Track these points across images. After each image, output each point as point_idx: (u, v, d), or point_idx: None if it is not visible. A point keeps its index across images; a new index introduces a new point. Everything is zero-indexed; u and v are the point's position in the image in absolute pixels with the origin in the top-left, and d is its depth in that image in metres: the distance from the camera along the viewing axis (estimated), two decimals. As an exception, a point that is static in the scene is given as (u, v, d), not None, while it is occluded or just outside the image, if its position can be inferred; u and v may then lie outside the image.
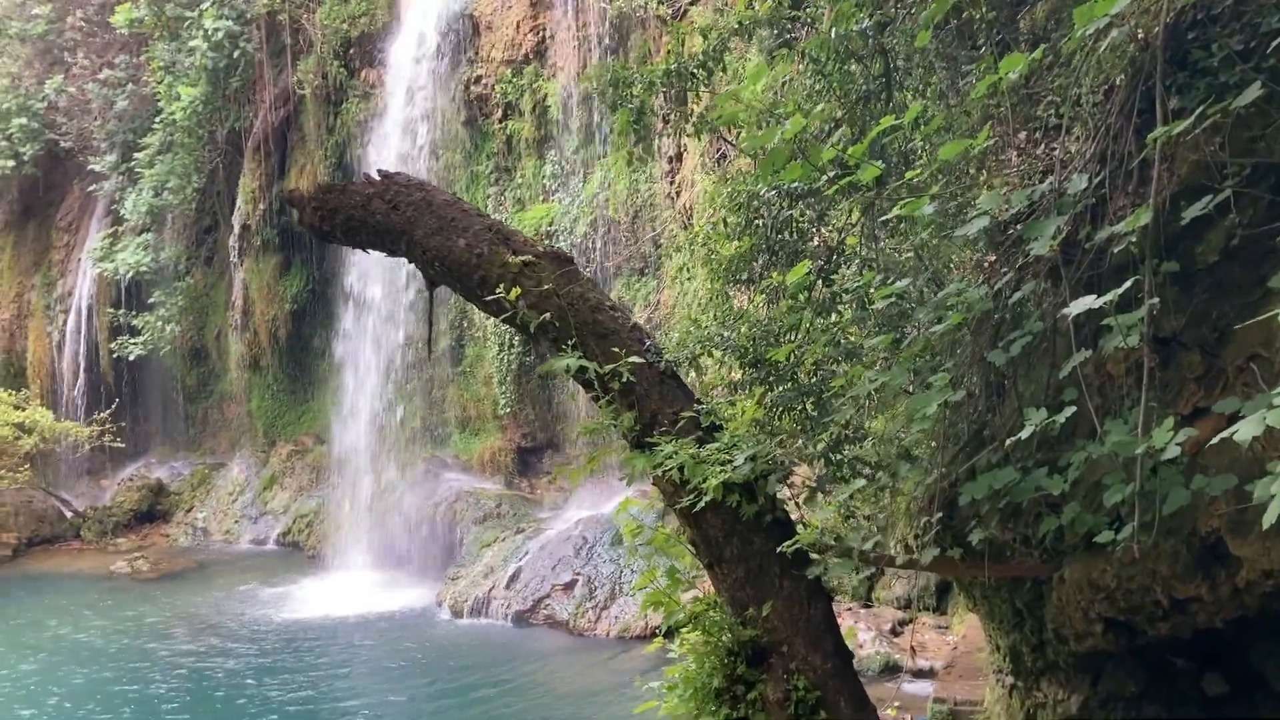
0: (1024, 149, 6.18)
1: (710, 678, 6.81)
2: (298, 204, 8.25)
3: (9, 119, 31.75)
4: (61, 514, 30.36)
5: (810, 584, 6.57)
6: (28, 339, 34.82)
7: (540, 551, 19.82)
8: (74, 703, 16.30)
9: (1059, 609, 6.05)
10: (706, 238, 7.58)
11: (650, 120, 8.12)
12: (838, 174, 6.31)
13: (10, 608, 22.60)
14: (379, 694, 16.30)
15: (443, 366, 25.97)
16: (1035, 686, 7.37)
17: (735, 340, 7.05)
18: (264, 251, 29.83)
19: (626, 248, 21.71)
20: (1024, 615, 7.23)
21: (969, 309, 5.45)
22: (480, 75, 24.65)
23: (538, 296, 7.08)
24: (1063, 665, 6.71)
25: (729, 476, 6.31)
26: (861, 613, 14.82)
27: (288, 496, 29.02)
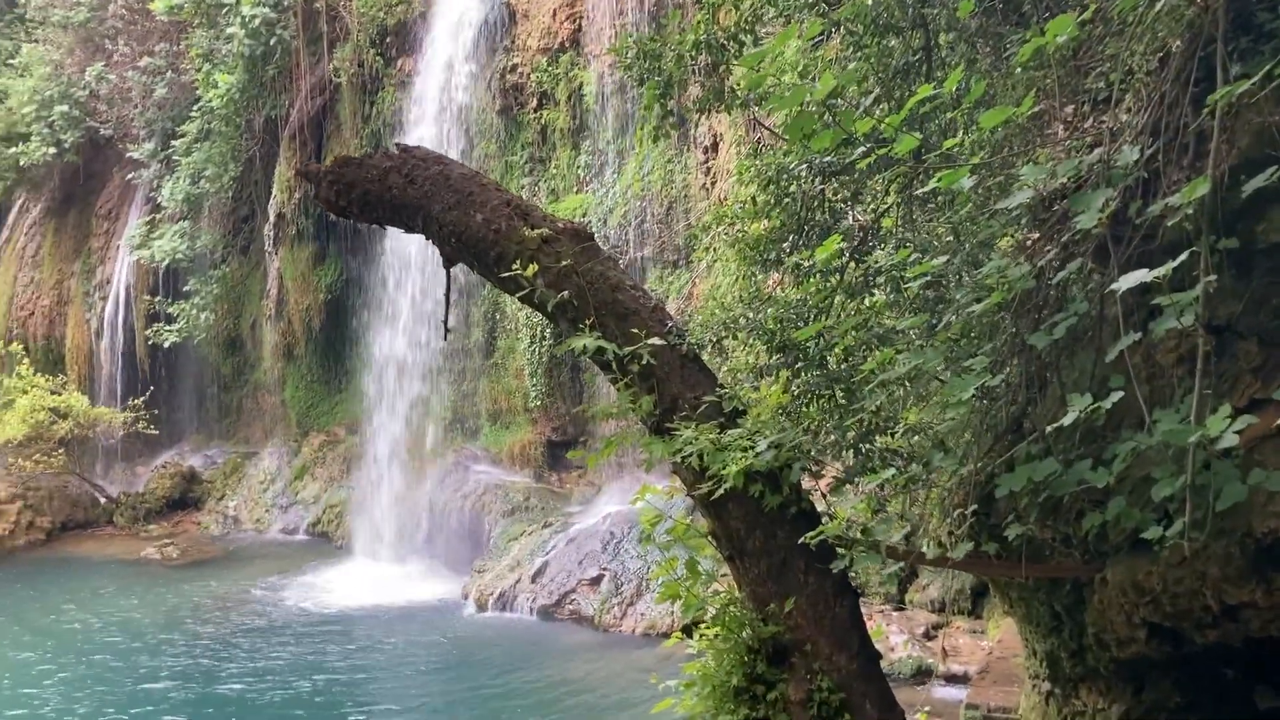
0: (1071, 122, 5.82)
1: (729, 676, 6.52)
2: (313, 179, 8.01)
3: (51, 107, 31.95)
4: (95, 499, 30.53)
5: (836, 580, 6.25)
6: (67, 325, 35.07)
7: (567, 546, 19.57)
8: (96, 686, 16.26)
9: (1100, 613, 5.71)
10: (734, 216, 7.25)
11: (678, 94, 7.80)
12: (872, 147, 5.96)
13: (41, 590, 22.69)
14: (400, 686, 16.12)
15: (474, 359, 25.82)
16: (1074, 694, 7.02)
17: (761, 323, 6.72)
18: (299, 240, 29.81)
19: (660, 239, 21.42)
20: (1062, 619, 6.89)
21: (1009, 288, 5.12)
22: (516, 64, 24.45)
23: (556, 274, 6.80)
24: (1103, 673, 6.34)
25: (750, 464, 6.00)
26: (893, 615, 14.44)
27: (318, 486, 28.98)
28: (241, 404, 33.89)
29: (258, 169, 30.21)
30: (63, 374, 32.92)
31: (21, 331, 35.14)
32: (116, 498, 30.82)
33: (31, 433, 29.15)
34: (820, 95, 4.84)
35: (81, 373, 34.17)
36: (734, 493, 6.15)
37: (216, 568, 24.46)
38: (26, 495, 28.24)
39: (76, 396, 30.82)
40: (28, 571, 24.59)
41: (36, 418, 29.21)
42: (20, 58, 33.35)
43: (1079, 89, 5.86)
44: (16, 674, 16.95)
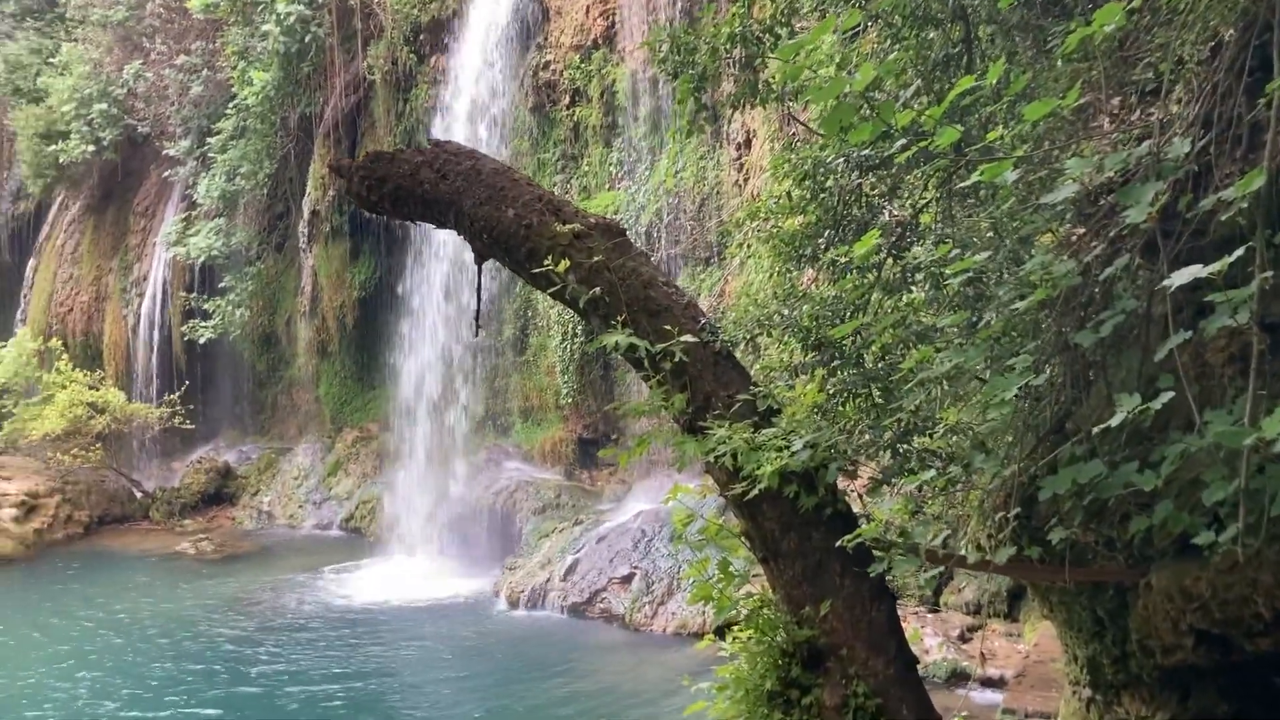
0: (1118, 114, 5.67)
1: (763, 680, 6.41)
2: (344, 174, 7.96)
3: (90, 105, 32.25)
4: (132, 494, 30.80)
5: (873, 583, 6.12)
6: (105, 321, 35.42)
7: (598, 544, 19.49)
8: (126, 679, 16.36)
9: (1145, 619, 5.56)
10: (768, 212, 7.12)
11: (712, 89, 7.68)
12: (912, 140, 5.82)
13: (77, 584, 22.90)
14: (431, 683, 16.11)
15: (506, 356, 25.82)
16: (1116, 701, 6.85)
17: (797, 320, 6.59)
18: (333, 238, 29.91)
19: (692, 236, 21.28)
20: (1105, 624, 6.73)
21: (1054, 285, 4.98)
22: (549, 61, 24.39)
23: (588, 270, 6.70)
24: (1147, 680, 6.18)
25: (785, 464, 5.88)
26: (928, 617, 14.24)
27: (351, 482, 29.08)
28: (276, 400, 34.08)
29: (292, 166, 30.34)
30: (100, 370, 33.25)
31: (61, 327, 35.52)
32: (153, 492, 31.08)
33: (69, 427, 29.45)
34: (859, 86, 4.71)
35: (119, 368, 34.48)
36: (768, 493, 6.04)
37: (250, 563, 24.58)
38: (65, 489, 28.51)
39: (113, 392, 31.11)
40: (65, 565, 24.81)
41: (74, 413, 29.51)
42: (60, 56, 33.69)
43: (1126, 81, 5.70)
44: (50, 666, 17.09)
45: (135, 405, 31.57)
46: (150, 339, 34.08)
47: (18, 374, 30.84)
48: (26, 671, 16.84)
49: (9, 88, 35.22)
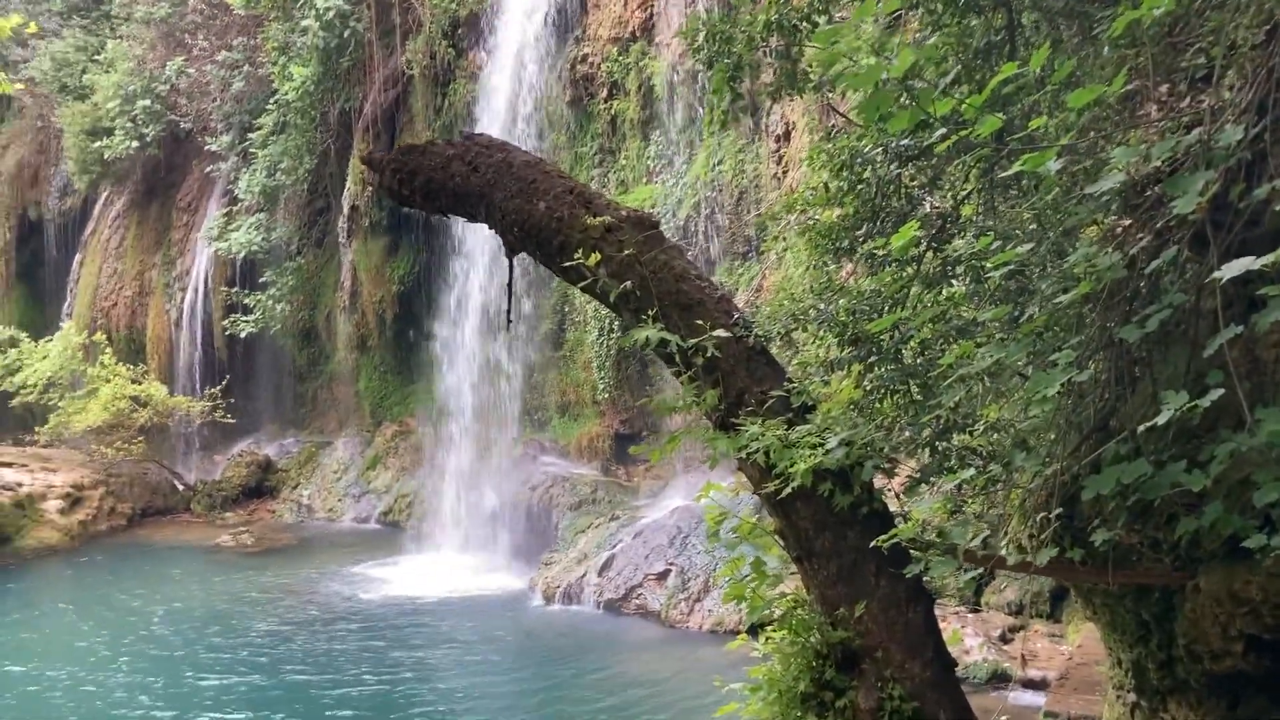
0: (1167, 101, 5.47)
1: (796, 681, 6.29)
2: (377, 167, 7.91)
3: (134, 101, 32.58)
4: (174, 487, 31.13)
5: (910, 584, 5.98)
6: (148, 315, 35.81)
7: (634, 540, 19.40)
8: (161, 668, 16.52)
9: (1192, 623, 5.39)
10: (805, 203, 6.98)
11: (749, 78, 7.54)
12: (952, 129, 5.66)
13: (118, 575, 23.15)
14: (465, 677, 16.11)
15: (543, 351, 25.79)
16: (1162, 707, 6.66)
17: (833, 314, 6.44)
18: (372, 233, 30.03)
19: (730, 230, 21.12)
20: (1150, 628, 6.55)
21: (1098, 278, 4.82)
22: (586, 54, 24.29)
23: (619, 263, 6.60)
24: (1195, 686, 6.00)
25: (819, 462, 5.75)
26: (969, 617, 14.01)
27: (390, 476, 29.21)
28: (316, 394, 34.30)
29: (332, 162, 30.48)
30: (144, 364, 33.61)
31: (105, 322, 35.95)
32: (194, 485, 31.39)
33: (113, 420, 29.81)
34: (897, 72, 4.57)
35: (162, 362, 34.86)
36: (802, 491, 5.91)
37: (288, 556, 24.74)
38: (109, 482, 28.86)
39: (156, 385, 31.44)
40: (107, 556, 25.11)
41: (118, 406, 29.86)
42: (105, 53, 34.07)
43: (1175, 67, 5.50)
44: (88, 655, 17.28)
45: (177, 399, 31.90)
46: (192, 333, 34.41)
47: (63, 368, 31.24)
48: (65, 660, 17.04)
49: (56, 85, 35.68)
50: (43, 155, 39.06)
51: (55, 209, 39.24)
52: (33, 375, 30.98)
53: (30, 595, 21.68)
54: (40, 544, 24.95)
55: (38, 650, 17.66)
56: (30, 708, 14.79)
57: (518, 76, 25.11)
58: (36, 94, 37.13)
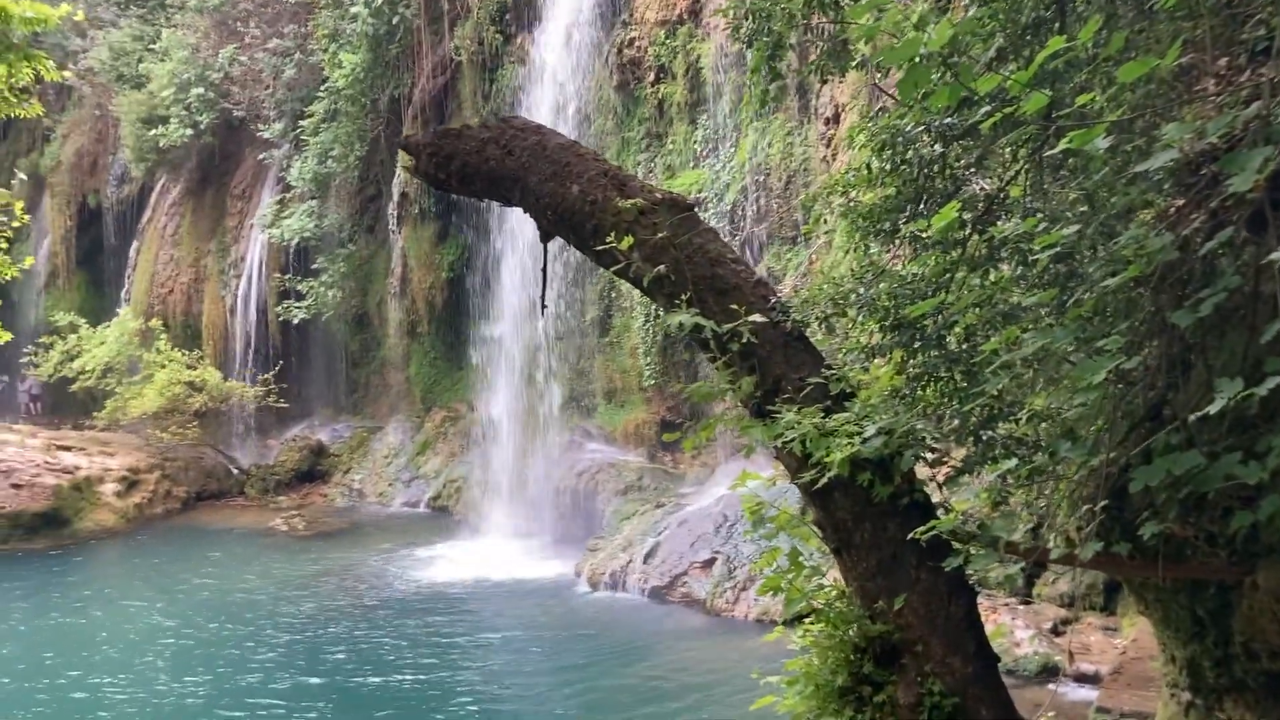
0: (1224, 75, 5.23)
1: (834, 675, 6.14)
2: (413, 150, 7.83)
3: (188, 89, 32.94)
4: (229, 471, 31.52)
5: (952, 577, 5.79)
6: (203, 302, 36.27)
7: (680, 527, 19.27)
8: (209, 649, 16.73)
9: (1249, 620, 5.19)
10: (846, 185, 6.79)
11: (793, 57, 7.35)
12: (997, 107, 5.44)
13: (172, 557, 23.51)
14: (509, 663, 16.12)
15: (590, 337, 25.73)
16: (1218, 706, 6.43)
17: (874, 299, 6.25)
18: (422, 219, 30.14)
19: (778, 215, 20.86)
20: (1206, 624, 6.31)
21: (1149, 260, 4.60)
22: (633, 38, 24.10)
23: (653, 247, 6.46)
24: (1252, 685, 5.77)
25: (858, 451, 5.57)
26: (1019, 609, 13.72)
27: (439, 461, 29.35)
28: (369, 380, 34.55)
29: (383, 149, 30.60)
30: (199, 349, 34.06)
31: (162, 308, 36.47)
32: (248, 469, 31.77)
33: (168, 405, 30.26)
34: (936, 45, 4.37)
35: (217, 348, 35.29)
36: (840, 481, 5.75)
37: (339, 540, 24.95)
38: (164, 465, 29.29)
39: (210, 371, 31.85)
40: (161, 539, 25.50)
41: (173, 391, 30.31)
42: (160, 42, 34.46)
43: (1234, 39, 5.26)
44: (137, 638, 17.54)
45: (231, 384, 32.30)
46: (247, 319, 34.79)
47: (120, 353, 31.75)
48: (115, 641, 17.32)
49: (113, 74, 36.18)
50: (101, 144, 39.69)
51: (113, 197, 39.86)
52: (90, 361, 31.52)
53: (86, 577, 22.08)
54: (97, 526, 25.40)
55: (88, 631, 17.97)
56: (78, 689, 15.02)
57: (565, 61, 25.00)
58: (95, 83, 37.70)
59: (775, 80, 7.25)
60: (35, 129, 42.02)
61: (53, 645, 17.10)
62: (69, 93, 40.28)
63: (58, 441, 28.13)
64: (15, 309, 41.19)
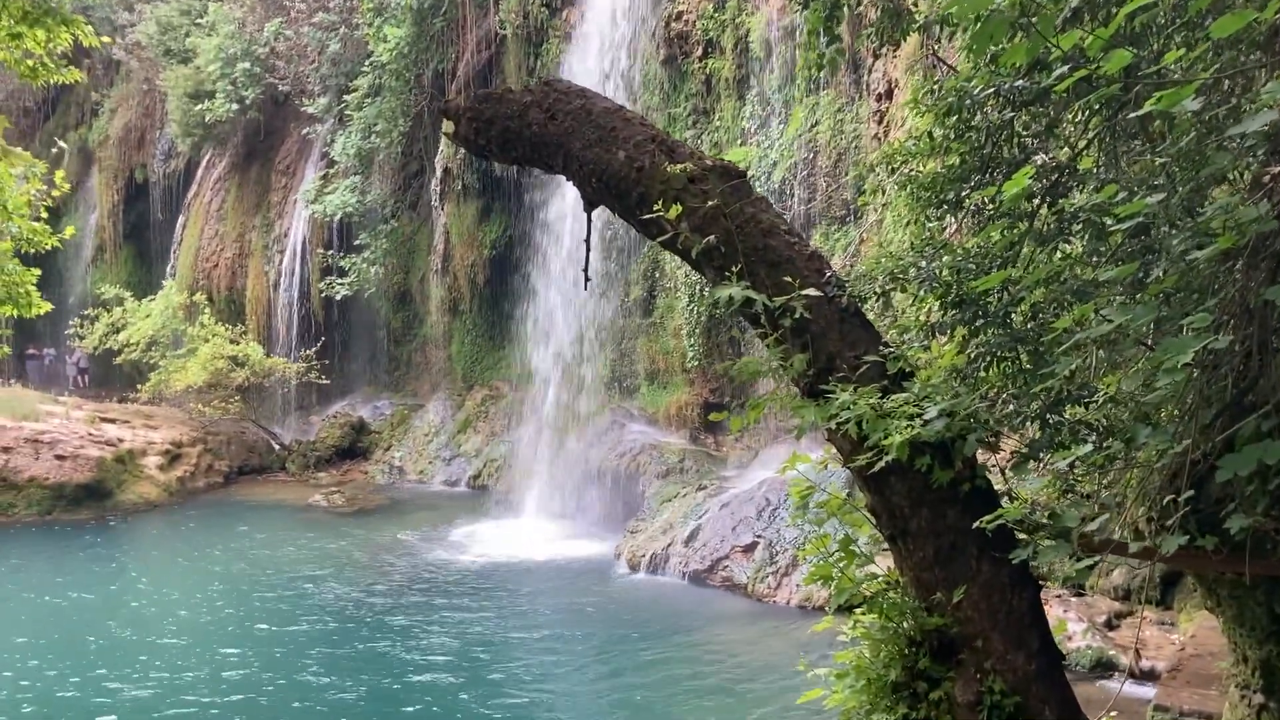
0: (1327, 32, 4.82)
1: (887, 669, 5.83)
2: (453, 115, 7.54)
3: (234, 64, 32.93)
4: (270, 446, 31.61)
5: (1015, 569, 5.46)
6: (247, 277, 36.37)
7: (721, 511, 18.96)
8: (243, 625, 16.67)
9: (1338, 622, 4.78)
10: (906, 153, 6.42)
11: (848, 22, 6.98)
12: (1073, 68, 5.06)
13: (212, 530, 23.57)
14: (546, 644, 15.92)
15: (633, 317, 25.42)
16: (1294, 712, 6.06)
17: (935, 273, 5.90)
18: (465, 197, 29.95)
19: (828, 193, 20.40)
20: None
21: (1240, 232, 4.24)
22: (681, 11, 23.65)
23: (702, 216, 6.15)
24: (1336, 692, 5.39)
25: (917, 434, 5.24)
26: (1072, 601, 13.29)
27: (480, 440, 29.22)
28: (411, 357, 34.49)
29: (426, 124, 30.42)
30: (242, 324, 34.16)
31: (206, 283, 36.65)
32: (289, 445, 31.85)
33: (211, 379, 30.37)
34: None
35: (260, 323, 35.40)
36: (897, 465, 5.42)
37: (378, 517, 24.90)
38: (206, 440, 29.41)
39: (253, 346, 31.93)
40: (202, 512, 25.59)
41: (216, 365, 30.40)
42: (207, 17, 34.47)
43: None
44: (175, 610, 17.53)
45: (274, 359, 32.35)
46: (290, 295, 34.84)
47: (164, 326, 31.91)
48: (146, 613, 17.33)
49: (161, 49, 36.29)
50: (149, 119, 39.88)
51: (160, 171, 40.07)
52: (135, 334, 31.70)
53: (125, 548, 22.18)
54: (140, 499, 25.53)
55: (121, 603, 18.00)
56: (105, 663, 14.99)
57: (611, 35, 24.62)
58: (142, 58, 37.83)
59: (832, 44, 6.88)
60: (84, 103, 42.33)
61: (88, 616, 17.14)
62: (117, 67, 40.49)
63: (102, 414, 28.32)
64: (63, 282, 41.66)
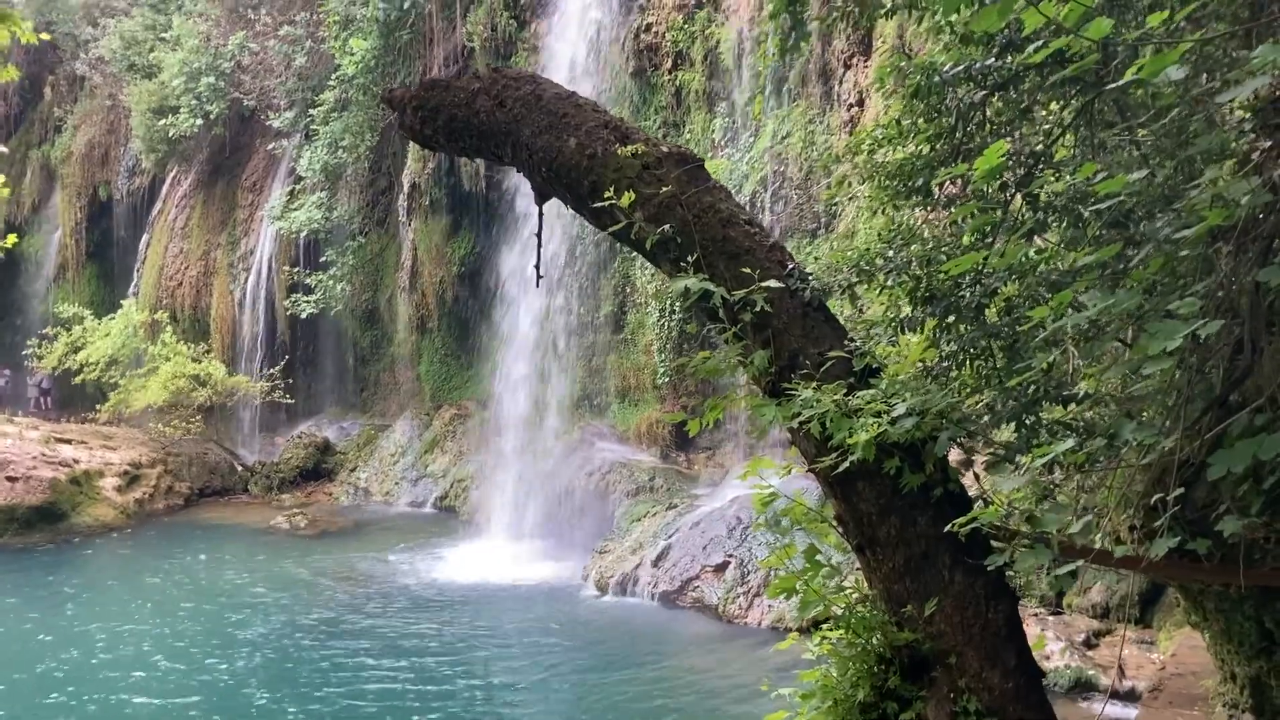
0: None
1: (854, 689, 5.46)
2: (398, 105, 7.19)
3: (198, 79, 32.45)
4: (233, 467, 30.93)
5: (990, 580, 5.11)
6: (212, 295, 35.73)
7: (692, 530, 18.51)
8: (202, 652, 16.07)
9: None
10: (874, 142, 6.08)
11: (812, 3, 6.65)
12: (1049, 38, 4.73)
13: (170, 554, 22.89)
14: (507, 669, 15.42)
15: (603, 334, 25.03)
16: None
17: (903, 263, 5.54)
18: (433, 212, 29.55)
19: (799, 206, 20.10)
20: (1275, 639, 5.65)
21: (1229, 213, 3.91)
22: (650, 23, 23.42)
23: (657, 205, 5.79)
24: (1333, 709, 5.05)
25: (885, 432, 4.87)
26: (1049, 619, 12.96)
27: (447, 460, 28.67)
28: (378, 377, 33.98)
29: (394, 139, 30.02)
30: (207, 344, 33.55)
31: (171, 301, 36.01)
32: (252, 466, 31.19)
33: (172, 399, 29.70)
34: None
35: (225, 342, 34.78)
36: (864, 468, 5.07)
37: (342, 539, 24.29)
38: (167, 461, 28.72)
39: (215, 364, 31.30)
40: (161, 535, 24.88)
41: (177, 384, 29.74)
42: (172, 31, 33.99)
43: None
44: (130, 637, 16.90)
45: (236, 378, 31.72)
46: (256, 314, 34.26)
47: (125, 345, 31.26)
48: (107, 640, 16.70)
49: (124, 64, 35.74)
50: (112, 135, 39.23)
51: (124, 189, 39.40)
52: (94, 353, 31.03)
53: (79, 573, 21.46)
54: (96, 521, 24.80)
55: (74, 630, 17.33)
56: (57, 689, 14.39)
57: (580, 48, 24.32)
58: (106, 73, 37.29)
59: (797, 28, 6.54)
60: (48, 120, 41.68)
61: (36, 644, 16.49)
62: (81, 83, 39.90)
63: (58, 434, 27.57)
64: (25, 301, 40.91)
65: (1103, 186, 4.31)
